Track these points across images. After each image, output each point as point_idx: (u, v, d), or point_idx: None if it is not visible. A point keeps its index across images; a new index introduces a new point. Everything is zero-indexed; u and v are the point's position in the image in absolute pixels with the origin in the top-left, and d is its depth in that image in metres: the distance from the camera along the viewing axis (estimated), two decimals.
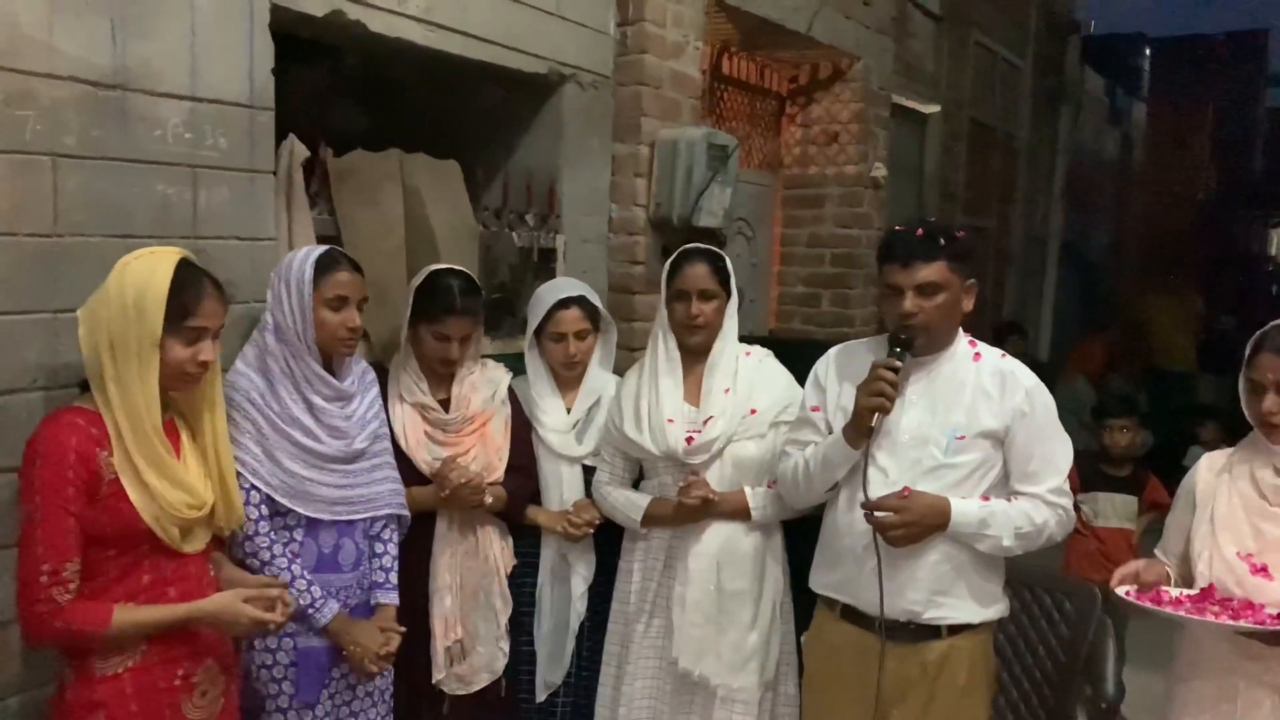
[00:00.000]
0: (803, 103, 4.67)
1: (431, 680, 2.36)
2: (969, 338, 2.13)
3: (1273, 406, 1.90)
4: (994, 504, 2.04)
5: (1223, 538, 1.96)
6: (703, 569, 2.38)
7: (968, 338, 2.13)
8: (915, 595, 2.04)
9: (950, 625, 2.06)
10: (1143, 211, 12.12)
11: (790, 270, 4.79)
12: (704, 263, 2.44)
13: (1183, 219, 13.74)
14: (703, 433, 2.39)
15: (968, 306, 2.09)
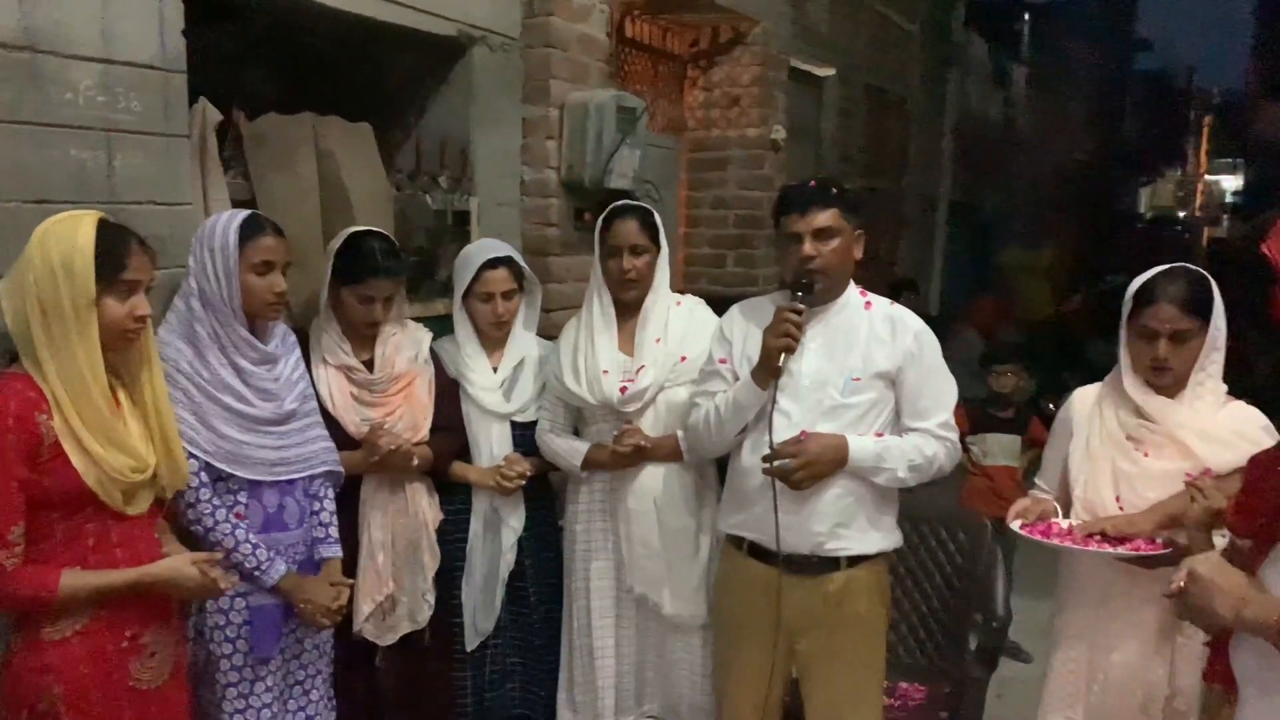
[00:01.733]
0: (704, 66, 4.75)
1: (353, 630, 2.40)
2: (859, 288, 2.29)
3: (1164, 354, 2.03)
4: (888, 439, 2.20)
5: (1096, 466, 2.12)
6: (643, 509, 2.51)
7: (858, 288, 2.28)
8: (818, 528, 2.18)
9: (850, 556, 2.21)
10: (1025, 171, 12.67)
11: (696, 232, 4.90)
12: (634, 218, 2.53)
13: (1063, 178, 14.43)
14: (635, 382, 2.50)
15: (858, 254, 2.24)
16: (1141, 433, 2.08)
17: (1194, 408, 2.05)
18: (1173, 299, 2.02)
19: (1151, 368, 2.05)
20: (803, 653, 2.28)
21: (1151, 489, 2.04)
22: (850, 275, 2.27)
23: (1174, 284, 2.04)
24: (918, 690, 2.74)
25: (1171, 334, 2.02)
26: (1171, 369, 2.04)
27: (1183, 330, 2.02)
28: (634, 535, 2.52)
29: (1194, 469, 2.00)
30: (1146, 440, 2.08)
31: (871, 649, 2.29)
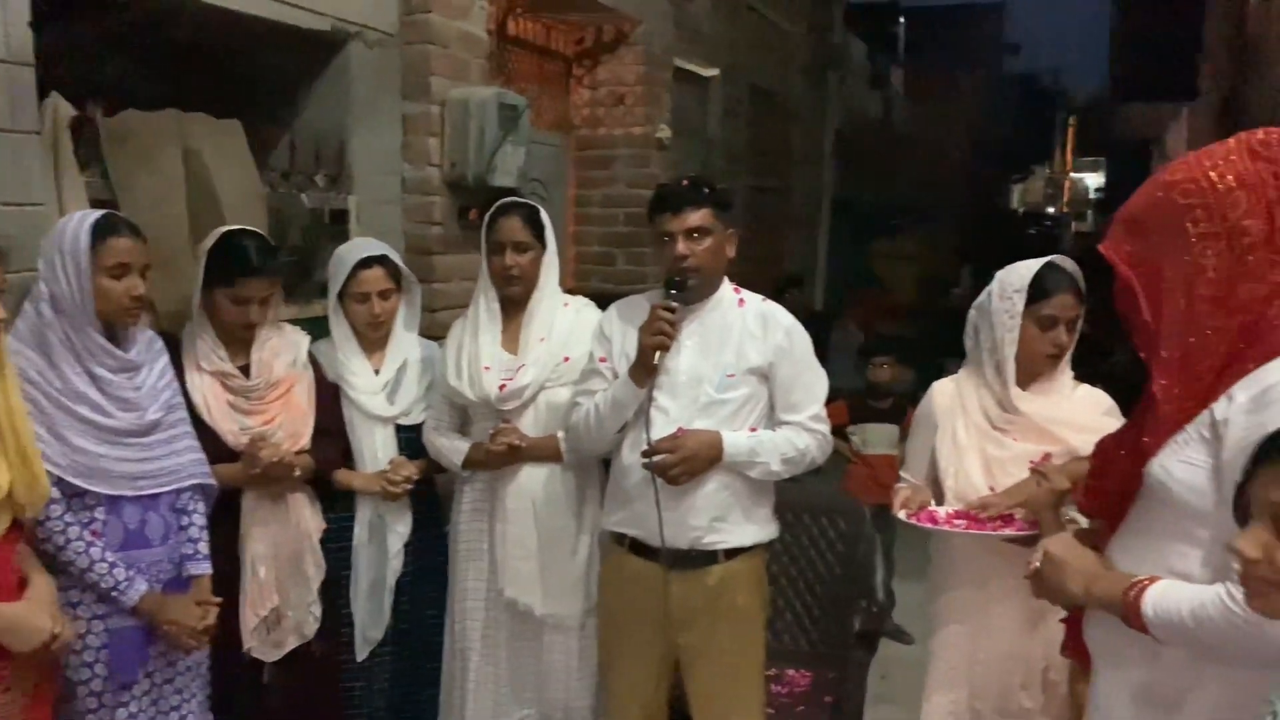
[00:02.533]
0: (589, 65, 4.76)
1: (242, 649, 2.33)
2: (733, 285, 2.33)
3: (1063, 339, 2.12)
4: (761, 434, 2.25)
5: (965, 455, 2.19)
6: (521, 508, 2.49)
7: (732, 285, 2.33)
8: (696, 523, 2.22)
9: (727, 549, 2.25)
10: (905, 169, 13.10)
11: (586, 230, 4.90)
12: (518, 215, 2.51)
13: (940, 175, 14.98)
14: (515, 380, 2.48)
15: (730, 253, 2.29)
16: (1004, 422, 2.16)
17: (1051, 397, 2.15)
18: (1070, 288, 2.12)
19: (1050, 355, 2.13)
20: (685, 646, 2.30)
21: (1023, 471, 2.11)
22: (724, 273, 2.31)
23: (1067, 276, 2.13)
24: (803, 676, 2.81)
25: (1069, 322, 2.12)
26: (1063, 355, 2.14)
27: (1075, 317, 2.13)
28: (509, 536, 2.50)
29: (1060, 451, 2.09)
30: (1012, 427, 2.16)
31: (751, 639, 2.33)
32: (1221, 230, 1.31)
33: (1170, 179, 1.36)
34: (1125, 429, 1.52)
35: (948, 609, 2.24)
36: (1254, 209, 1.30)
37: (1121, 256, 1.42)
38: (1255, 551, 1.02)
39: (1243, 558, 1.03)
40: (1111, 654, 1.45)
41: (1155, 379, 1.39)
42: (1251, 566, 1.02)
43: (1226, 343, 1.33)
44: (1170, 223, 1.35)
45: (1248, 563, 1.03)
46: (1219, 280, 1.32)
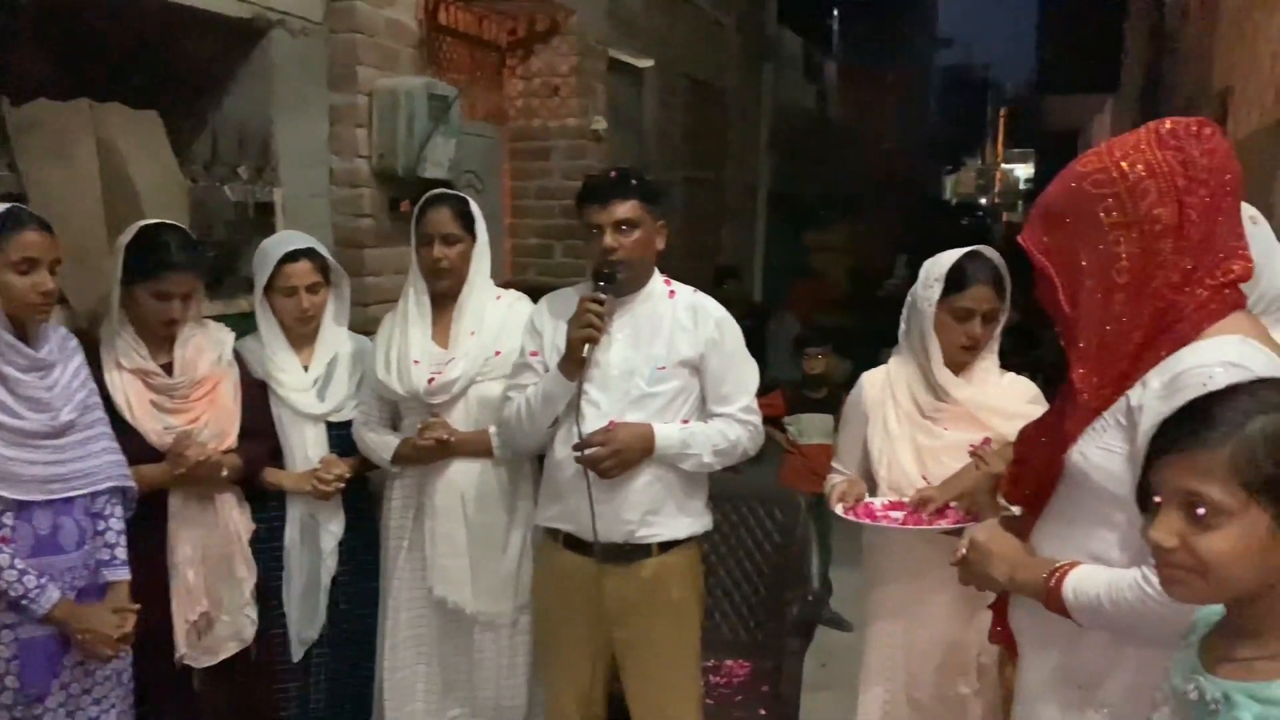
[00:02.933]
0: (522, 55, 4.71)
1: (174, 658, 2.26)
2: (664, 277, 2.32)
3: (981, 333, 2.13)
4: (693, 425, 2.25)
5: (898, 445, 2.20)
6: (449, 505, 2.45)
7: (663, 277, 2.32)
8: (629, 516, 2.21)
9: (661, 542, 2.25)
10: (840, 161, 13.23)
11: (522, 222, 4.86)
12: (447, 207, 2.47)
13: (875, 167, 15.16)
14: (443, 373, 2.44)
15: (660, 245, 2.28)
16: (936, 410, 2.18)
17: (981, 385, 2.18)
18: (986, 280, 2.13)
19: (964, 346, 2.14)
20: (620, 641, 2.30)
21: (955, 460, 2.13)
22: (654, 265, 2.30)
23: (984, 267, 2.14)
24: (741, 666, 2.83)
25: (985, 314, 2.13)
26: (980, 347, 2.15)
27: (993, 310, 2.13)
28: (438, 532, 2.46)
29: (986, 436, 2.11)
30: (943, 416, 2.18)
31: (686, 632, 2.33)
32: (1133, 219, 1.33)
33: (1083, 170, 1.38)
34: (1046, 417, 1.55)
35: (882, 602, 2.25)
36: (1163, 198, 1.32)
37: (1039, 247, 1.44)
38: (1171, 540, 1.03)
39: (1158, 547, 1.05)
40: (1035, 638, 1.48)
41: (1074, 367, 1.41)
42: (1168, 555, 1.04)
43: (1141, 330, 1.35)
44: (1084, 213, 1.37)
45: (1163, 551, 1.04)
46: (1132, 269, 1.34)
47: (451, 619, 2.49)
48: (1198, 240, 1.32)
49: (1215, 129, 1.36)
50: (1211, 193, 1.32)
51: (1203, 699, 1.05)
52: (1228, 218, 1.35)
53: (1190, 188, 1.32)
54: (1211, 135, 1.34)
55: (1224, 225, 1.34)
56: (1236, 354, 1.26)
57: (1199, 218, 1.32)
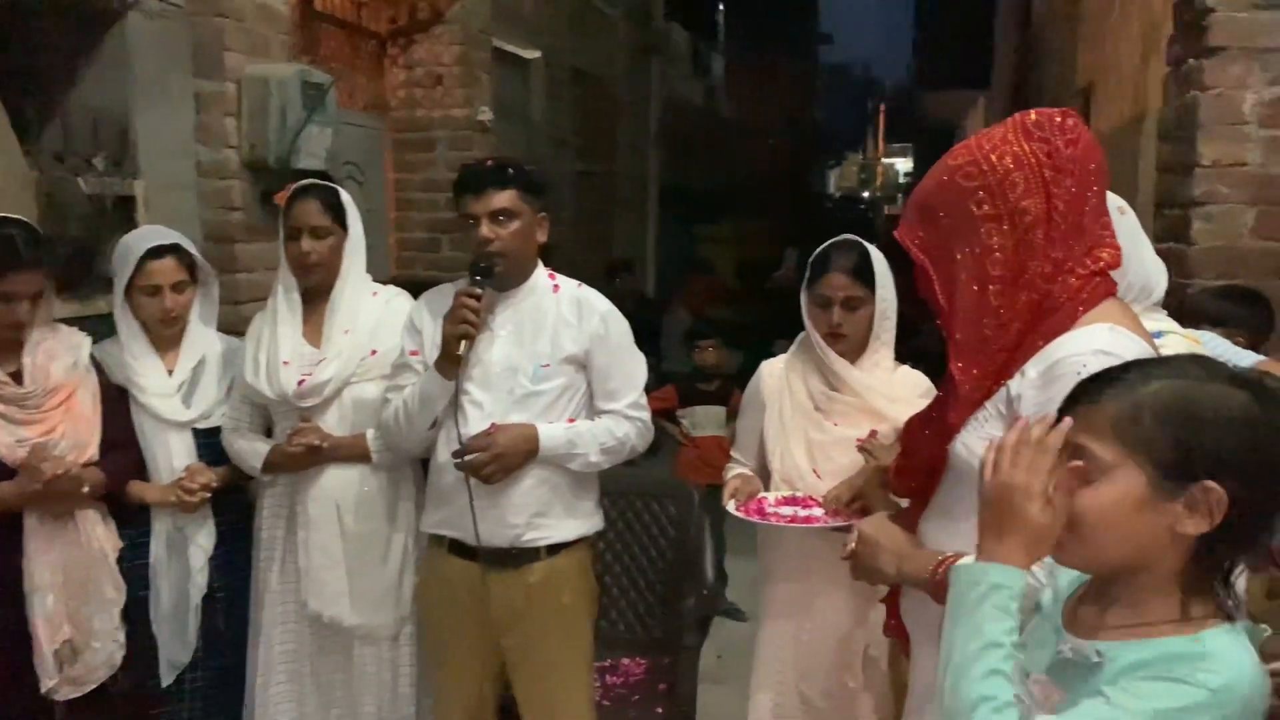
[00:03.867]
0: (404, 44, 4.58)
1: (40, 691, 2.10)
2: (548, 270, 2.26)
3: (838, 319, 2.15)
4: (579, 424, 2.19)
5: (790, 438, 2.21)
6: (324, 513, 2.34)
7: (547, 270, 2.26)
8: (515, 520, 2.15)
9: (549, 545, 2.19)
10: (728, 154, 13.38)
11: (408, 216, 4.73)
12: (315, 198, 2.34)
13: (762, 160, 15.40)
14: (314, 375, 2.32)
15: (542, 238, 2.21)
16: (829, 403, 2.20)
17: (873, 374, 2.20)
18: (843, 268, 2.14)
19: (827, 334, 2.17)
20: (510, 648, 2.24)
21: (845, 456, 2.14)
22: (536, 258, 2.24)
23: (844, 255, 2.17)
24: (638, 664, 2.80)
25: (843, 300, 2.14)
26: (845, 335, 2.16)
27: (853, 297, 2.14)
28: (312, 543, 2.34)
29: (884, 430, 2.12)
30: (834, 409, 2.19)
31: (577, 636, 2.28)
32: (1004, 211, 1.34)
33: (953, 163, 1.38)
34: (930, 409, 1.55)
35: (774, 601, 2.26)
36: (1031, 189, 1.33)
37: (915, 242, 1.44)
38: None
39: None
40: (926, 630, 1.48)
41: (953, 360, 1.42)
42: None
43: (1017, 322, 1.36)
44: (956, 206, 1.37)
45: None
46: (1006, 260, 1.35)
47: (329, 634, 2.37)
48: (1066, 229, 1.34)
49: (1078, 119, 1.38)
50: (1077, 182, 1.34)
51: (1079, 656, 1.06)
52: (1094, 206, 1.37)
53: (1057, 178, 1.33)
54: (1074, 125, 1.36)
55: (1091, 214, 1.36)
56: (1107, 342, 1.29)
57: (1066, 207, 1.34)
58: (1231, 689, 0.98)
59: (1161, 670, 1.00)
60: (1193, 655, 1.00)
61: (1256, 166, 2.70)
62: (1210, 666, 0.99)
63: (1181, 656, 1.00)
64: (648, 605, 2.98)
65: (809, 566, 2.17)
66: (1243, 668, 0.99)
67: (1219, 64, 2.70)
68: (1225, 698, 0.97)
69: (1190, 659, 1.00)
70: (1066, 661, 1.08)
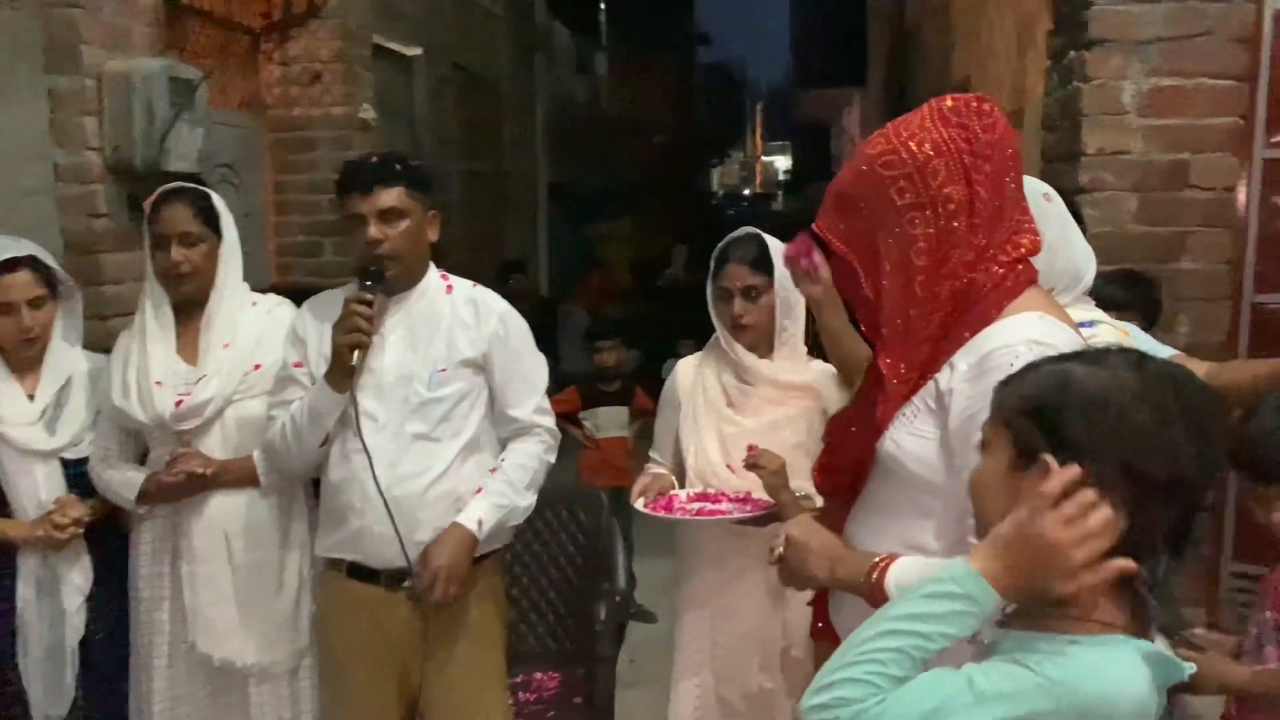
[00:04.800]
0: (279, 39, 4.37)
1: None
2: (440, 271, 2.15)
3: (739, 310, 2.15)
4: (490, 486, 2.08)
5: (704, 434, 2.19)
6: (211, 545, 2.17)
7: (439, 271, 2.15)
8: (422, 538, 2.03)
9: None
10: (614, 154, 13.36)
11: (288, 219, 4.51)
12: (183, 203, 2.17)
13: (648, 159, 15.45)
14: (193, 394, 2.15)
15: (433, 237, 2.10)
16: (741, 396, 2.19)
17: (783, 367, 2.19)
18: (741, 259, 2.15)
19: (732, 326, 2.16)
20: (419, 672, 2.12)
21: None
22: (427, 258, 2.12)
23: (742, 246, 2.18)
24: (551, 678, 2.71)
25: (742, 290, 2.14)
26: (749, 325, 2.15)
27: (752, 287, 2.14)
28: (199, 578, 2.17)
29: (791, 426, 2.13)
30: (746, 403, 2.18)
31: (489, 654, 2.18)
32: (925, 200, 1.31)
33: (872, 152, 1.35)
34: (856, 405, 1.52)
35: (691, 594, 2.23)
36: (953, 176, 1.30)
37: (836, 234, 1.40)
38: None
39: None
40: None
41: (879, 355, 1.39)
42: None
43: (942, 312, 1.33)
44: (877, 195, 1.34)
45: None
46: (929, 250, 1.32)
47: (220, 677, 2.20)
48: (988, 216, 1.32)
49: (994, 104, 1.36)
50: (996, 168, 1.32)
51: (990, 641, 1.06)
52: (1013, 192, 1.35)
53: (976, 164, 1.31)
54: (991, 111, 1.34)
55: (1010, 200, 1.35)
56: (1039, 332, 1.27)
57: (988, 194, 1.31)
58: (1074, 689, 0.96)
59: (1017, 655, 1.01)
60: (1052, 650, 0.99)
61: (1138, 154, 2.80)
62: (1061, 662, 0.98)
63: (1041, 648, 1.00)
64: (558, 616, 2.89)
65: (723, 558, 2.15)
66: (1103, 676, 0.97)
67: (1099, 56, 2.79)
68: (1062, 692, 0.96)
69: (1048, 653, 0.99)
70: (983, 648, 1.08)
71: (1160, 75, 2.76)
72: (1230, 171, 2.80)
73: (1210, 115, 2.77)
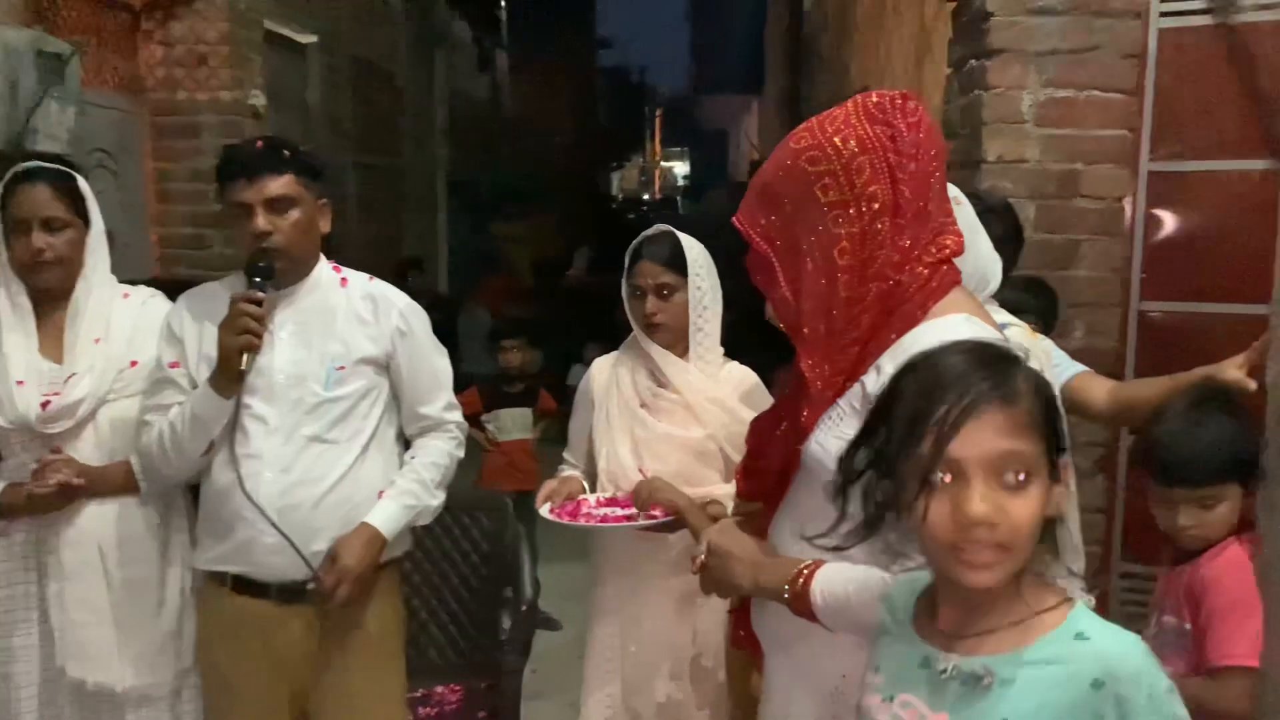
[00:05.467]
0: (161, 19, 4.13)
1: None
2: (333, 263, 2.04)
3: (652, 308, 2.12)
4: (400, 485, 2.00)
5: (616, 436, 2.15)
6: (83, 560, 2.00)
7: (331, 263, 2.04)
8: (318, 547, 1.92)
9: None
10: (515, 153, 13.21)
11: (171, 209, 4.27)
12: (46, 184, 2.00)
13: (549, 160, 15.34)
14: (63, 394, 1.98)
15: (325, 228, 2.00)
16: (654, 399, 2.16)
17: (699, 368, 2.16)
18: (653, 256, 2.14)
19: (645, 324, 2.14)
20: (312, 690, 1.99)
21: (671, 453, 2.11)
22: (319, 249, 2.00)
23: (655, 244, 2.17)
24: (453, 691, 2.61)
25: (655, 288, 2.12)
26: (661, 324, 2.13)
27: (664, 284, 2.12)
28: (70, 597, 2.00)
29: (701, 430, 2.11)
30: (660, 406, 2.15)
31: (388, 668, 2.07)
32: (850, 197, 1.28)
33: (797, 147, 1.31)
34: (780, 407, 1.48)
35: (602, 601, 2.20)
36: (877, 174, 1.27)
37: (756, 230, 1.36)
38: (997, 514, 0.96)
39: (978, 525, 0.97)
40: (783, 641, 1.41)
41: (802, 357, 1.35)
42: (986, 533, 0.97)
43: (868, 313, 1.30)
44: (802, 191, 1.30)
45: (982, 530, 0.97)
46: (854, 249, 1.29)
47: (95, 704, 2.03)
48: (913, 216, 1.29)
49: (919, 102, 1.34)
50: (921, 167, 1.29)
51: (964, 675, 1.02)
52: (937, 192, 1.33)
53: (901, 163, 1.28)
54: (915, 109, 1.32)
55: (935, 200, 1.32)
56: (966, 333, 1.25)
57: (912, 194, 1.29)
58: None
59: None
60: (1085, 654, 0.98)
61: (1035, 163, 2.87)
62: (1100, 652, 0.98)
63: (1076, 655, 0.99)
64: (460, 626, 2.78)
65: (633, 564, 2.12)
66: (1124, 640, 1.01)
67: (999, 65, 2.85)
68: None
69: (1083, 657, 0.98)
70: (946, 681, 1.03)
71: (1055, 86, 2.83)
72: (1119, 183, 2.89)
73: (1100, 127, 2.86)
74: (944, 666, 1.03)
